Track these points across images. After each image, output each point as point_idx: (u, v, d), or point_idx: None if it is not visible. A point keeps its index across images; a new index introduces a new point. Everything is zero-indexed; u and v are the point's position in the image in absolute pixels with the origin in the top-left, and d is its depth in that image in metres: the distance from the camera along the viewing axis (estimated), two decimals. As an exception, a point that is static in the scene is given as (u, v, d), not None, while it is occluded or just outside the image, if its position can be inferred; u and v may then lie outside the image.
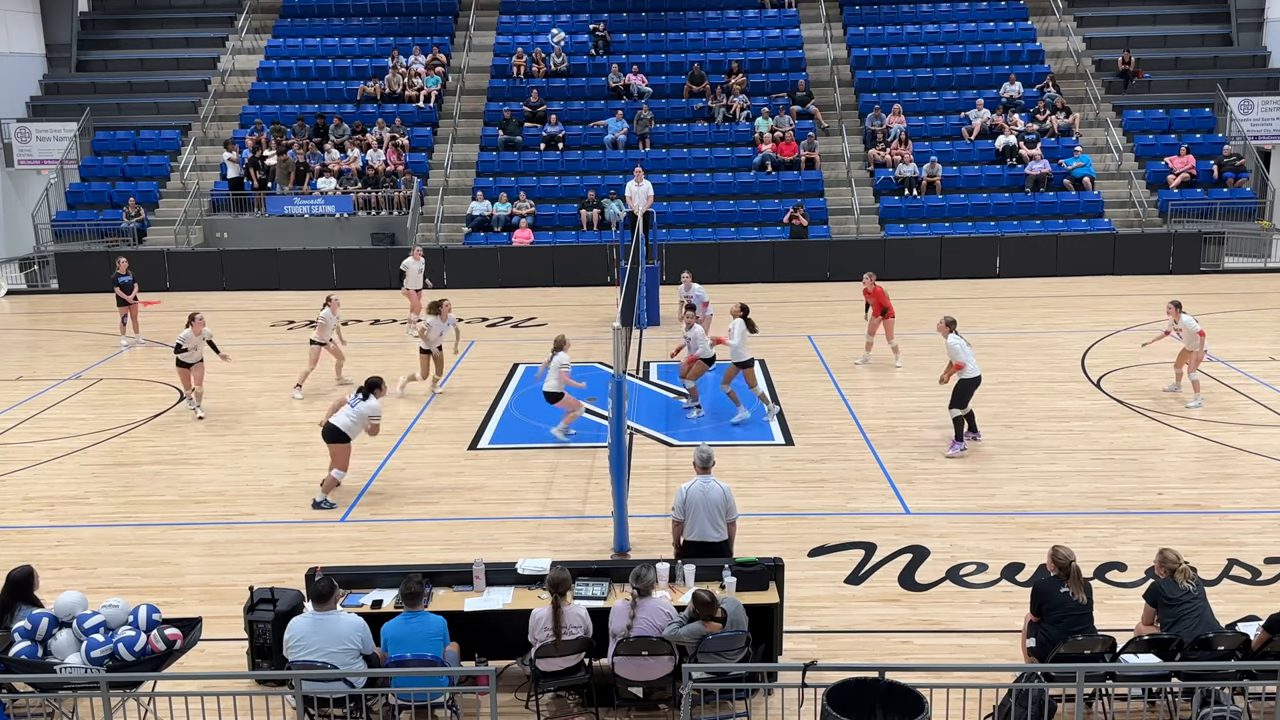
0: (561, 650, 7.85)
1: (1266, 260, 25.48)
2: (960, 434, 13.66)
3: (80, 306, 24.02)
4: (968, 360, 13.36)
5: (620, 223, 24.77)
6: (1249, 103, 28.94)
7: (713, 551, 9.30)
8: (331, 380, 17.26)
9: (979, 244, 25.33)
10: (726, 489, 9.47)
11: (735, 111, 29.49)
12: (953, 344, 13.43)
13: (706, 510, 9.31)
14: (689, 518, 9.35)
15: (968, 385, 13.50)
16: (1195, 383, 15.37)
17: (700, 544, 9.35)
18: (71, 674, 7.75)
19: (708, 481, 9.40)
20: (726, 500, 9.40)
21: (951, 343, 13.44)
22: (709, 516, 9.31)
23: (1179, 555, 8.22)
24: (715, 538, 9.36)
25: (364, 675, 7.51)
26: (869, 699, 6.74)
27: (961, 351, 13.34)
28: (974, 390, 13.61)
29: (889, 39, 31.69)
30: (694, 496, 9.33)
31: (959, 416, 13.62)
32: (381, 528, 11.88)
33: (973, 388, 13.57)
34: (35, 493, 13.11)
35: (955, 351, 13.38)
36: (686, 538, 9.42)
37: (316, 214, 26.94)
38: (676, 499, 9.45)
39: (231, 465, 13.91)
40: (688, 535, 9.40)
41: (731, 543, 9.56)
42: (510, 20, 33.14)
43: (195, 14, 33.89)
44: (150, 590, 10.19)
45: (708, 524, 9.32)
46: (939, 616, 9.69)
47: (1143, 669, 7.63)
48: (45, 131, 30.03)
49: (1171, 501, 12.16)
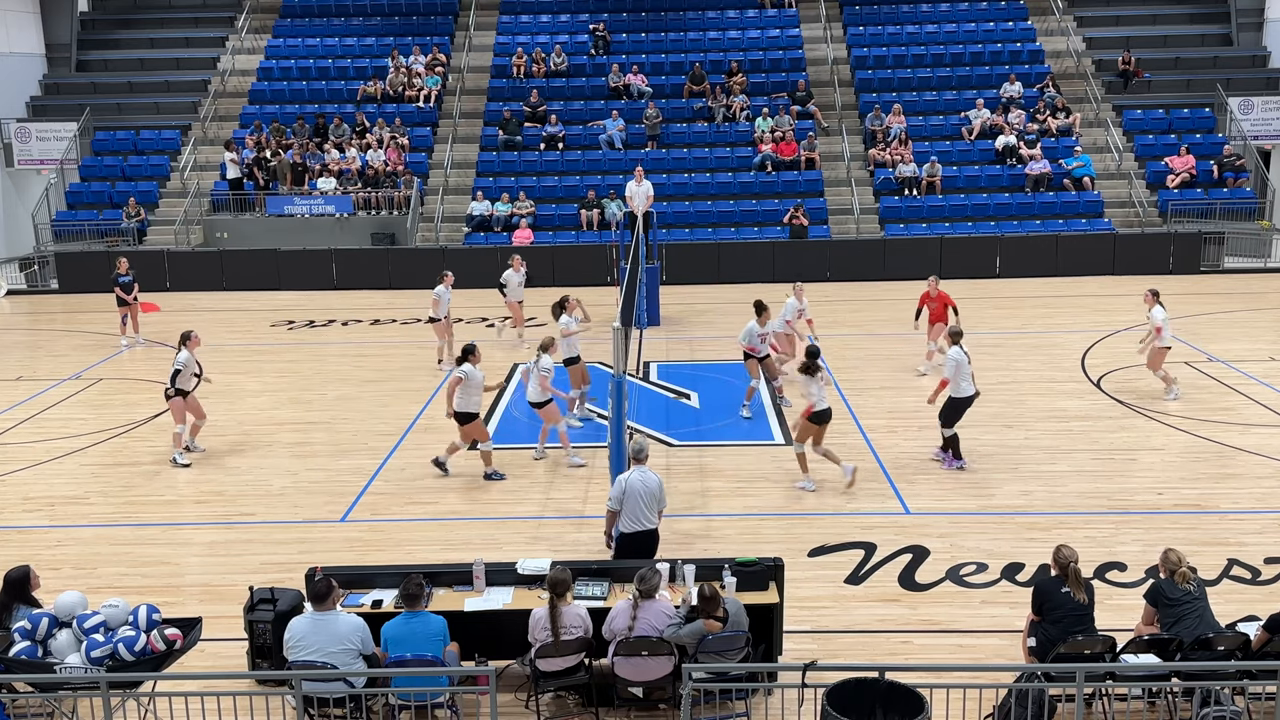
0: (561, 650, 7.86)
1: (1266, 260, 25.47)
2: (957, 452, 13.12)
3: (80, 306, 24.02)
4: (962, 378, 12.72)
5: (620, 223, 24.77)
6: (1249, 103, 28.94)
7: (648, 539, 9.56)
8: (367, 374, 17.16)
9: (979, 244, 25.33)
10: (660, 480, 9.71)
11: (735, 111, 29.49)
12: (952, 357, 12.79)
13: (645, 499, 9.52)
14: (627, 507, 9.53)
15: (959, 404, 12.86)
16: (1165, 376, 15.47)
17: (636, 533, 9.54)
18: (71, 674, 7.75)
19: (645, 472, 9.61)
20: (662, 490, 9.70)
21: (952, 355, 12.82)
22: (646, 506, 9.54)
23: (1181, 557, 8.20)
24: (652, 525, 9.61)
25: (364, 675, 7.52)
26: (869, 699, 6.74)
27: (960, 368, 12.69)
28: (965, 409, 12.94)
29: (889, 39, 31.68)
30: (634, 486, 9.51)
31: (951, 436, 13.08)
32: (381, 528, 11.88)
33: (964, 407, 12.90)
34: (35, 493, 13.11)
35: (949, 366, 12.75)
36: (622, 528, 9.56)
37: (316, 214, 26.94)
38: (615, 489, 9.61)
39: (231, 465, 13.91)
40: (624, 525, 9.55)
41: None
42: (510, 20, 33.15)
43: (195, 14, 33.88)
44: (150, 590, 10.19)
45: (646, 512, 9.55)
46: (939, 616, 9.69)
47: (1143, 669, 7.63)
48: (45, 131, 30.03)
49: (1171, 501, 12.16)
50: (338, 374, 17.95)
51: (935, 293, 16.89)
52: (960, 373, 12.74)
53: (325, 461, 13.91)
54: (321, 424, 15.46)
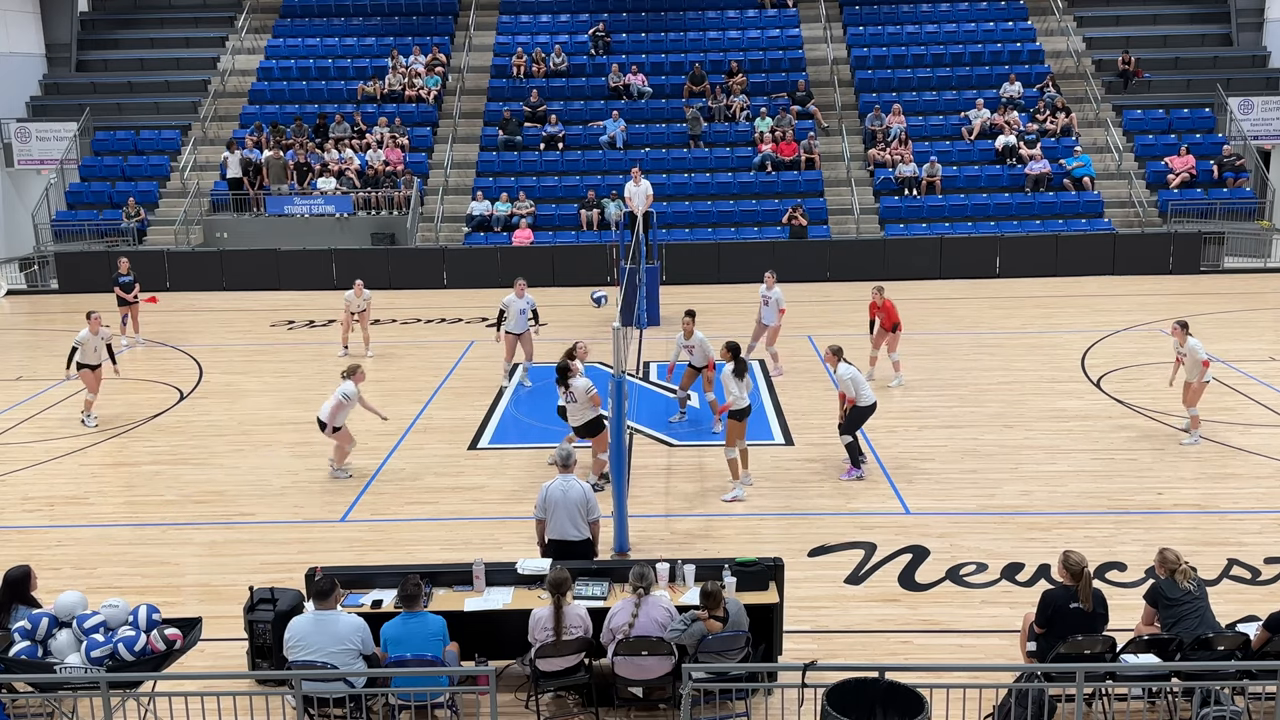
0: (561, 650, 7.86)
1: (1266, 260, 25.47)
2: (855, 460, 12.93)
3: (80, 306, 23.89)
4: (862, 389, 12.63)
5: (620, 223, 24.78)
6: (1249, 103, 28.93)
7: (574, 551, 9.32)
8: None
9: (979, 244, 25.33)
10: (587, 489, 9.51)
11: (735, 111, 29.50)
12: (846, 375, 12.61)
13: (566, 509, 9.35)
14: (550, 516, 9.40)
15: (862, 413, 12.73)
16: (1195, 418, 13.83)
17: (561, 543, 9.38)
18: (71, 674, 7.75)
19: (568, 480, 9.44)
20: (587, 500, 9.43)
21: (844, 373, 12.63)
22: (569, 516, 9.35)
23: (1179, 555, 8.19)
24: (575, 537, 9.39)
25: (364, 675, 7.52)
26: (869, 699, 6.74)
27: (857, 383, 12.60)
28: (867, 418, 12.84)
29: (889, 39, 31.69)
30: (554, 496, 9.37)
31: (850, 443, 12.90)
32: (381, 528, 11.88)
33: (866, 415, 12.78)
34: (35, 493, 13.11)
35: (848, 384, 12.60)
36: (549, 536, 9.46)
37: (316, 214, 26.93)
38: (539, 497, 9.50)
39: (231, 465, 13.90)
40: (549, 534, 9.45)
41: (595, 543, 9.56)
42: (510, 20, 33.15)
43: (195, 14, 33.89)
44: (150, 590, 10.19)
45: (567, 523, 9.36)
46: (939, 616, 9.68)
47: (1143, 669, 7.63)
48: (45, 131, 30.03)
49: (1171, 501, 12.16)
50: (338, 374, 17.88)
51: (881, 302, 16.61)
52: (859, 385, 12.67)
53: (325, 461, 13.90)
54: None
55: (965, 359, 18.18)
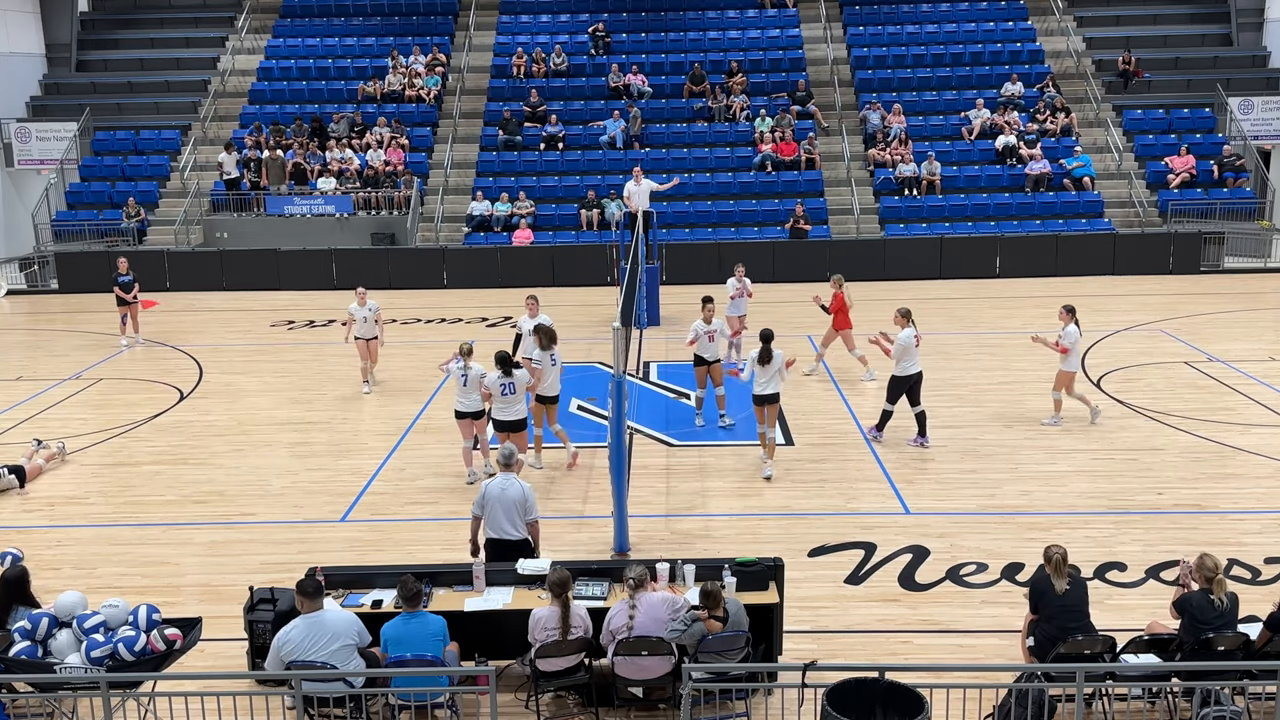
0: (562, 650, 7.86)
1: (1266, 260, 25.47)
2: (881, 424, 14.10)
3: (80, 306, 24.02)
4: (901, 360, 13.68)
5: (620, 223, 24.77)
6: (1249, 103, 28.93)
7: (511, 550, 9.28)
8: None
9: (979, 244, 25.32)
10: (527, 488, 9.45)
11: (735, 111, 29.49)
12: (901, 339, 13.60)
13: (504, 508, 9.31)
14: (487, 515, 9.39)
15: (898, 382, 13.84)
16: (1058, 401, 14.61)
17: (499, 541, 9.36)
18: (71, 674, 7.75)
19: (508, 479, 9.40)
20: (525, 500, 9.38)
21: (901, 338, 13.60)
22: (506, 514, 9.32)
23: (1219, 564, 7.82)
24: (513, 536, 9.35)
25: (364, 675, 7.51)
26: (869, 699, 6.74)
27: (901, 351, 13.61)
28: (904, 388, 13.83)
29: (889, 39, 31.68)
30: (492, 493, 9.35)
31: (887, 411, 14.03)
32: (381, 528, 11.88)
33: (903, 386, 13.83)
34: (35, 493, 13.11)
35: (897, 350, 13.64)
36: (488, 534, 9.44)
37: (316, 214, 26.92)
38: (478, 495, 9.47)
39: (231, 465, 13.90)
40: (488, 533, 9.43)
41: (535, 543, 9.51)
42: (510, 20, 33.14)
43: (195, 14, 33.89)
44: (150, 590, 10.19)
45: (505, 522, 9.33)
46: (939, 616, 9.69)
47: (1143, 669, 7.63)
48: (45, 131, 30.03)
49: (1171, 501, 12.16)
50: (338, 374, 17.94)
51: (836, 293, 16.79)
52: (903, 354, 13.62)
53: (325, 461, 13.91)
54: (321, 424, 15.45)
55: (965, 359, 18.18)
